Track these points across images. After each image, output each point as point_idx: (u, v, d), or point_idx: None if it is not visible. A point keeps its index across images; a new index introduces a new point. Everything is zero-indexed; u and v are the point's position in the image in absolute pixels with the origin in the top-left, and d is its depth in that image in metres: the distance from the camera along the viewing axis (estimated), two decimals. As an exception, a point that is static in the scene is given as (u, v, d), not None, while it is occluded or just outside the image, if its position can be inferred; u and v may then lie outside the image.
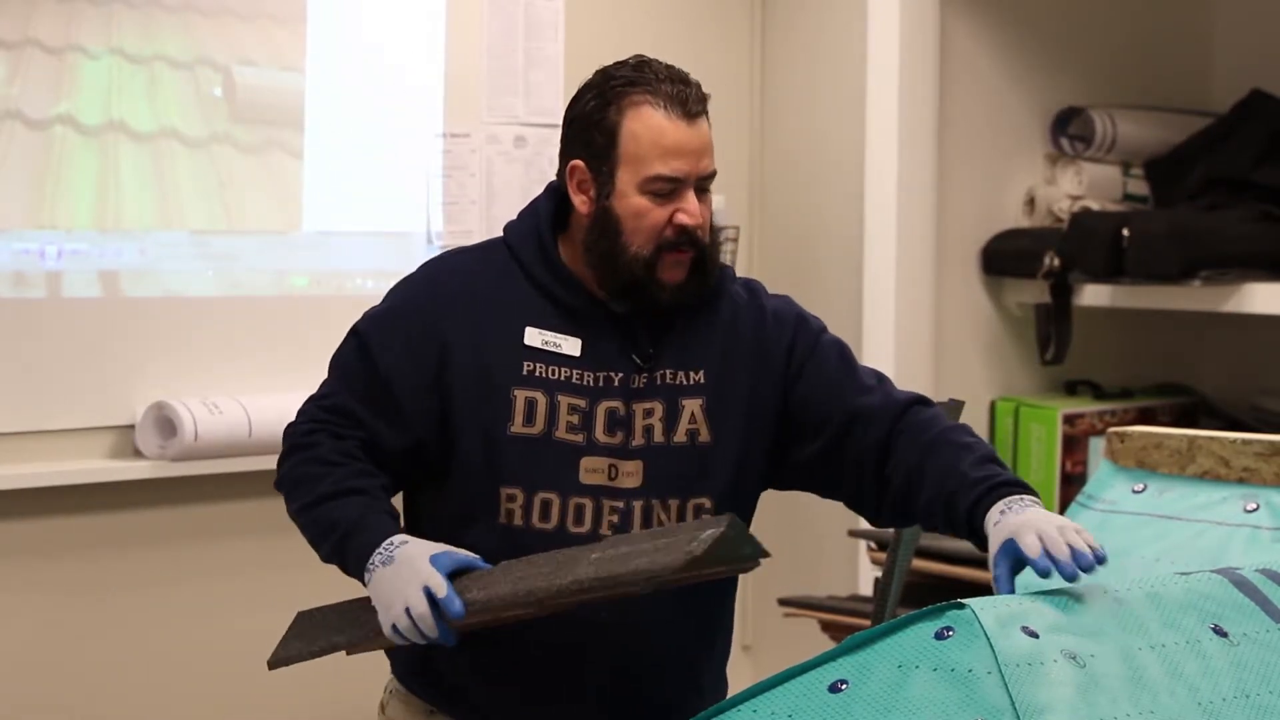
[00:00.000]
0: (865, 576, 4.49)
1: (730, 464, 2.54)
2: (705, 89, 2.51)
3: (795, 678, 2.09)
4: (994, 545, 2.30)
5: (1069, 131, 4.99)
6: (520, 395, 2.47)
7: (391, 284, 2.60)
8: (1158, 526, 2.68)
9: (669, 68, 2.50)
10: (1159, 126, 5.00)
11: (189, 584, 4.13)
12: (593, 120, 2.48)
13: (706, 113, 2.50)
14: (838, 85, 4.79)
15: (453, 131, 4.41)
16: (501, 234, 2.60)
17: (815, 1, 4.88)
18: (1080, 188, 4.94)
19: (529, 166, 4.48)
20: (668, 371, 2.52)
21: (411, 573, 2.33)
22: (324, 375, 2.57)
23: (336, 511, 2.43)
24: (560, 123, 2.56)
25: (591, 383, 2.49)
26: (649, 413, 2.51)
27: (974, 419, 4.70)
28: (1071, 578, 2.21)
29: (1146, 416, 4.84)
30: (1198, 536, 2.63)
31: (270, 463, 4.04)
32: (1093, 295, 4.71)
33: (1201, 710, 2.07)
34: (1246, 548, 2.57)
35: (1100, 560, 2.23)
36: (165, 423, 3.99)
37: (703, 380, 2.53)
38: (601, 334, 2.51)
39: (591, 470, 2.49)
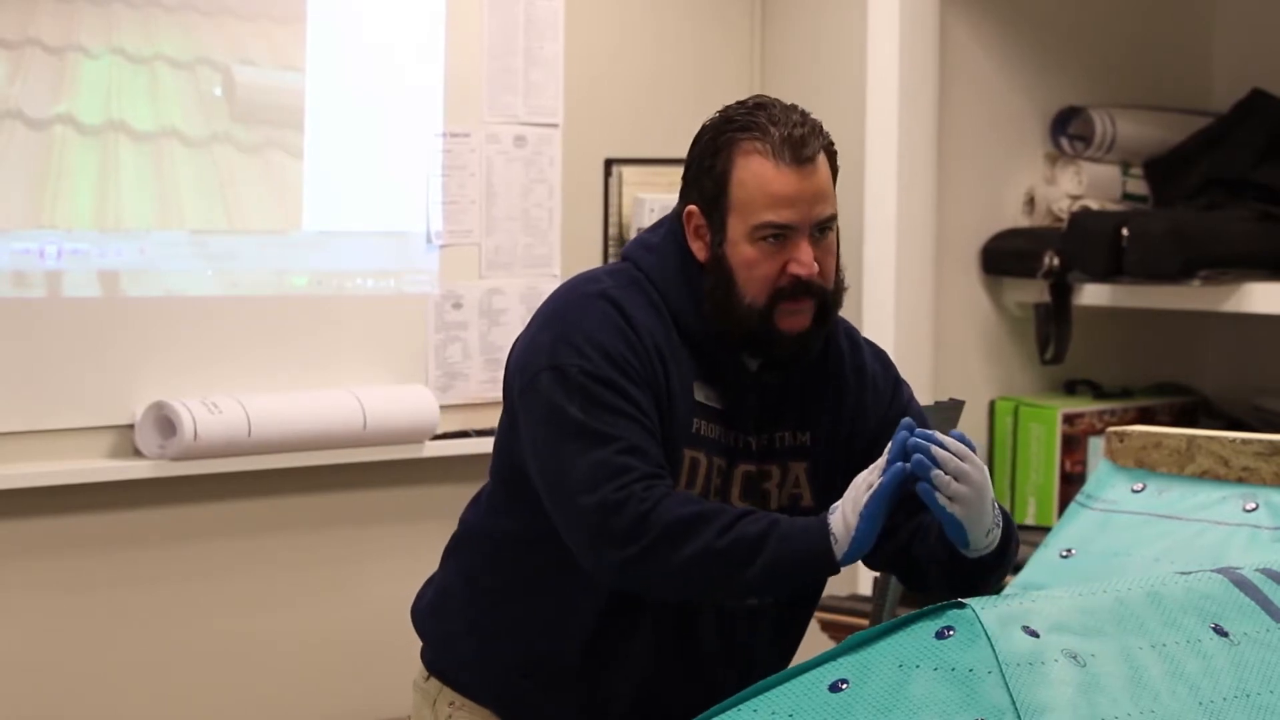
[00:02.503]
0: (864, 576, 4.48)
1: None
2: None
3: (796, 677, 2.09)
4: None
5: (1069, 131, 4.99)
6: (688, 455, 2.38)
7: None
8: (1157, 526, 2.68)
9: (787, 109, 2.42)
10: (1159, 126, 5.00)
11: (189, 583, 4.12)
12: (704, 166, 2.41)
13: (829, 152, 2.41)
14: (838, 85, 4.79)
15: (452, 131, 4.41)
16: (633, 268, 2.46)
17: (815, 1, 4.88)
18: (1080, 187, 4.94)
19: (529, 166, 4.47)
20: (786, 434, 2.45)
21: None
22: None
23: (758, 524, 2.28)
24: (558, 121, 2.52)
25: (732, 443, 2.41)
26: (766, 475, 2.44)
27: (973, 418, 4.70)
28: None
29: (1146, 416, 4.84)
30: (1197, 536, 2.64)
31: (269, 462, 4.10)
32: (1092, 295, 4.70)
33: (1202, 710, 2.07)
34: (1246, 547, 2.57)
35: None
36: (165, 422, 3.99)
37: (808, 443, 2.46)
38: (739, 391, 2.43)
39: None
